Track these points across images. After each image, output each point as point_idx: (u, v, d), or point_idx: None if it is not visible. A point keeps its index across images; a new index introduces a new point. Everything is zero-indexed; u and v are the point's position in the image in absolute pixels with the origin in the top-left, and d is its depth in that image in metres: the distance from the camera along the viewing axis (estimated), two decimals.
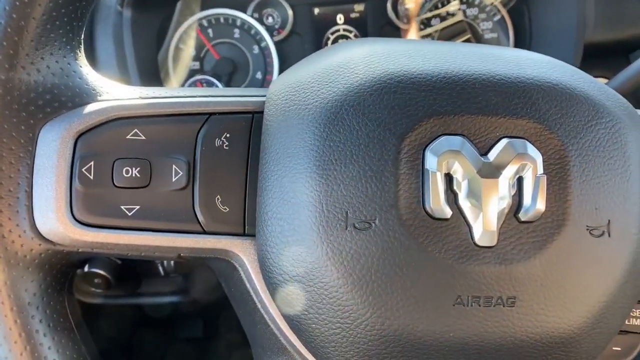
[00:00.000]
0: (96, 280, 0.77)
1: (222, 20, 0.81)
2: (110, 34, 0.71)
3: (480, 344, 0.34)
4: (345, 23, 0.83)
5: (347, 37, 0.83)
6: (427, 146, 0.34)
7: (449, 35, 0.83)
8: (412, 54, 0.37)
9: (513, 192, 0.35)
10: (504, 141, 0.35)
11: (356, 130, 0.34)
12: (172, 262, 0.79)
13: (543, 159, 0.35)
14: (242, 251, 0.38)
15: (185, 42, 0.81)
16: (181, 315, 1.04)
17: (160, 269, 0.81)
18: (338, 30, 0.83)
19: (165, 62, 0.80)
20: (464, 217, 0.34)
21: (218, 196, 0.37)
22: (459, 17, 0.83)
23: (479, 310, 0.34)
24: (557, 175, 0.35)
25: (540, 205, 0.34)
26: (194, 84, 0.80)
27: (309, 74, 0.38)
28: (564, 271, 0.34)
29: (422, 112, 0.34)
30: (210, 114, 0.38)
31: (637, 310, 0.41)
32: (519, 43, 0.83)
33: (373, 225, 0.33)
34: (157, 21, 0.76)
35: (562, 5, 0.75)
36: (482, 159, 0.34)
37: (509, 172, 0.34)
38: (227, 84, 0.81)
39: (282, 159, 0.36)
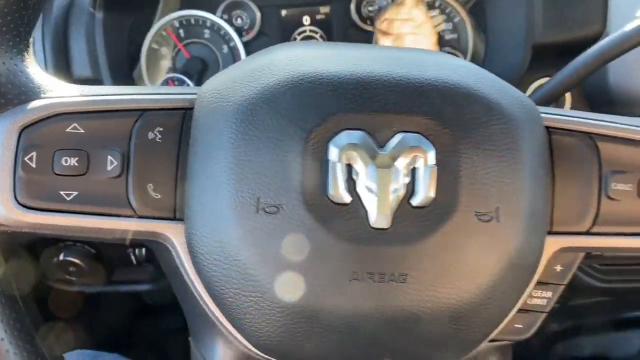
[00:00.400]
0: (70, 269, 0.81)
1: (192, 21, 0.85)
2: (83, 34, 0.76)
3: (376, 316, 0.38)
4: (311, 24, 0.87)
5: (313, 38, 0.87)
6: (330, 139, 0.38)
7: None
8: (326, 57, 0.41)
9: (407, 181, 0.39)
10: (399, 135, 0.39)
11: (269, 124, 0.38)
12: (143, 252, 0.83)
13: (436, 151, 0.39)
14: (172, 234, 0.42)
15: (157, 42, 0.85)
16: (161, 307, 1.08)
17: (133, 258, 0.85)
18: (304, 31, 0.87)
19: (138, 61, 0.84)
20: (362, 203, 0.38)
21: (150, 184, 0.41)
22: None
23: (373, 285, 0.38)
24: (448, 166, 0.39)
25: (431, 193, 0.38)
26: (165, 82, 0.85)
27: (234, 75, 0.42)
28: (452, 252, 0.38)
29: (328, 109, 0.39)
30: (145, 110, 0.42)
31: (539, 291, 0.45)
32: (478, 45, 0.87)
33: (281, 209, 0.38)
34: (128, 22, 0.80)
35: (512, 9, 0.79)
36: (379, 151, 0.38)
37: (402, 163, 0.38)
38: (198, 82, 0.85)
39: (206, 150, 0.40)
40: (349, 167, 0.38)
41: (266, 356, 0.42)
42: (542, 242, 0.42)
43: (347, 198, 0.38)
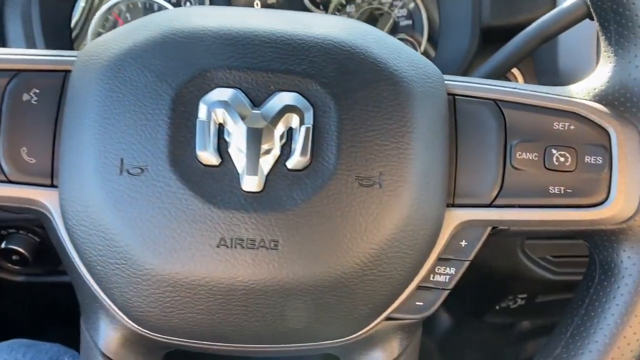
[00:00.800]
0: (14, 257, 0.79)
1: (139, 4, 0.84)
2: (19, 14, 0.74)
3: (246, 284, 0.36)
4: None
5: None
6: (202, 97, 0.36)
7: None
8: (206, 14, 0.39)
9: (283, 142, 0.36)
10: (276, 94, 0.37)
11: (135, 81, 0.37)
12: None
13: (314, 112, 0.37)
14: (49, 201, 0.40)
15: (104, 25, 0.83)
16: None
17: None
18: None
19: (80, 44, 0.83)
20: (234, 165, 0.36)
21: (24, 148, 0.39)
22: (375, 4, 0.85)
23: (242, 252, 0.35)
24: (327, 127, 0.37)
25: (308, 155, 0.36)
26: None
27: (112, 35, 0.40)
28: (330, 218, 0.36)
29: (200, 65, 0.37)
30: (20, 70, 0.40)
31: (442, 267, 0.42)
32: (433, 30, 0.85)
33: (145, 171, 0.36)
34: (69, 4, 0.79)
35: None
36: (253, 110, 0.36)
37: (277, 123, 0.36)
38: None
39: (75, 111, 0.38)
40: (222, 127, 0.36)
41: (144, 330, 0.40)
42: (440, 214, 0.40)
43: (215, 159, 0.36)
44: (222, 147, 0.36)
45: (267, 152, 0.36)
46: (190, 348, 0.41)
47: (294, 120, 0.36)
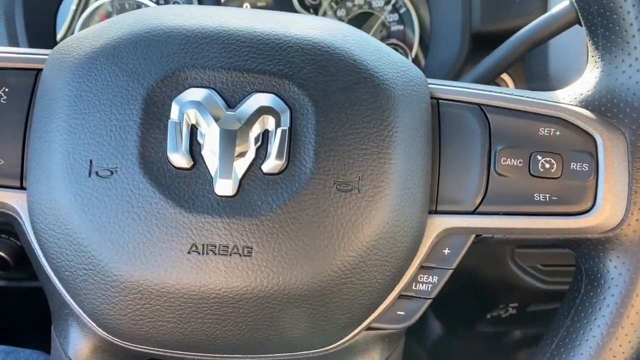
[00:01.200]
0: None
1: (127, 5, 0.83)
2: (1, 13, 0.73)
3: (219, 292, 0.35)
4: None
5: None
6: (175, 97, 0.35)
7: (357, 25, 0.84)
8: (182, 13, 0.38)
9: (258, 145, 0.35)
10: (252, 95, 0.35)
11: (107, 80, 0.35)
12: None
13: (291, 114, 0.35)
14: (18, 204, 0.38)
15: (89, 26, 0.82)
16: None
17: None
18: None
19: None
20: (207, 168, 0.35)
21: None
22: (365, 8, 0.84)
23: (214, 259, 0.34)
24: (304, 130, 0.35)
25: (284, 158, 0.35)
26: None
27: (86, 32, 0.39)
28: (307, 224, 0.35)
29: (174, 65, 0.35)
30: None
31: (424, 276, 0.41)
32: (424, 35, 0.84)
33: (115, 173, 0.34)
34: (54, 5, 0.78)
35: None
36: (227, 111, 0.35)
37: (252, 125, 0.35)
38: None
39: (44, 110, 0.37)
40: (194, 129, 0.35)
41: (114, 338, 0.38)
42: (422, 221, 0.39)
43: (187, 162, 0.35)
44: (194, 150, 0.35)
45: (242, 154, 0.35)
46: (163, 357, 0.40)
47: (270, 122, 0.35)
